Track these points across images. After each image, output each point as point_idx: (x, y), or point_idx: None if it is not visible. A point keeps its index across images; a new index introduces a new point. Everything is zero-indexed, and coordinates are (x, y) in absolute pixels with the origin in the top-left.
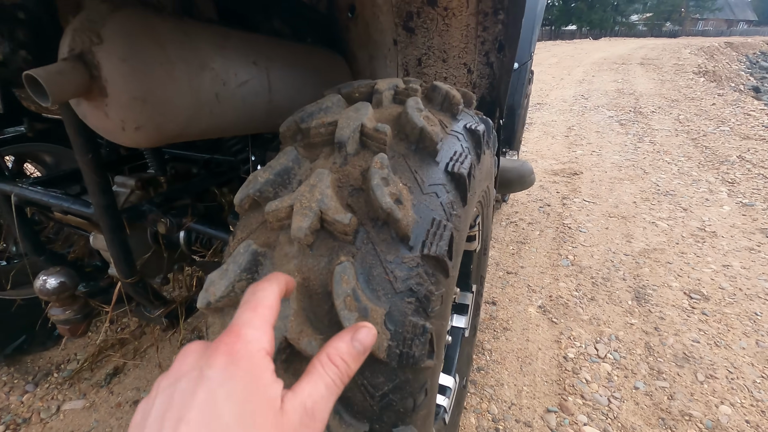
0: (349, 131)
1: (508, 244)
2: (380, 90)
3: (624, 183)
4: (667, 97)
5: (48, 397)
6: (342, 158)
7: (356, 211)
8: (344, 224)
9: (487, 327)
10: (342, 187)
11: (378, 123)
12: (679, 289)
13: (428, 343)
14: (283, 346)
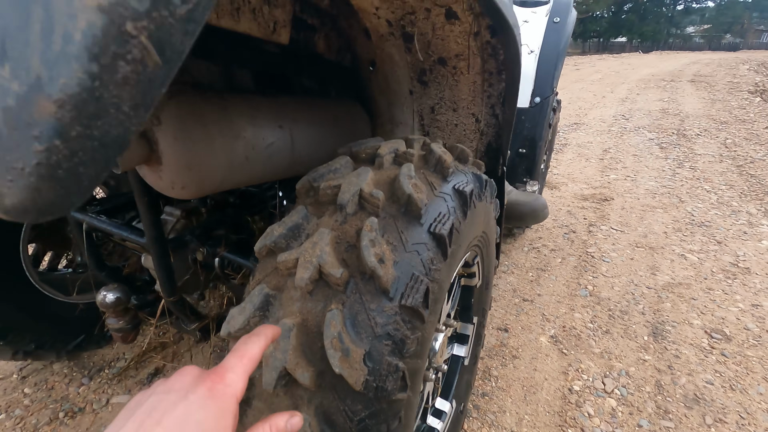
0: (349, 195)
1: (528, 270)
2: (382, 154)
3: (656, 211)
4: (716, 119)
5: (99, 390)
6: (342, 217)
7: (349, 264)
8: (337, 277)
9: (496, 354)
10: (340, 243)
11: (374, 188)
12: (700, 327)
13: (401, 379)
14: (283, 374)
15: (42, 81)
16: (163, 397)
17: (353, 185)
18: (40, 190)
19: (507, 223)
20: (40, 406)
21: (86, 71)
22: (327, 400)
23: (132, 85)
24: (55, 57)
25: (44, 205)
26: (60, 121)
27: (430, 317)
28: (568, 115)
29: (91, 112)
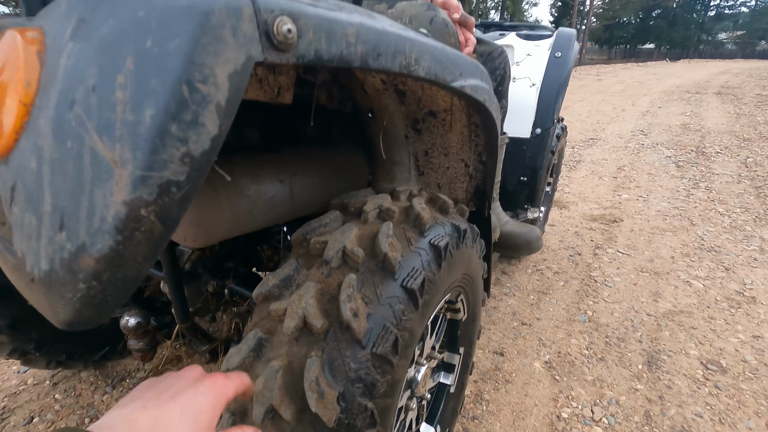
0: (334, 252)
1: (529, 293)
2: (367, 210)
3: (666, 234)
4: (739, 135)
5: (121, 398)
6: (327, 271)
7: (330, 315)
8: (318, 327)
9: (490, 377)
10: (323, 295)
11: (356, 246)
12: (696, 357)
13: (370, 417)
14: (270, 409)
15: (86, 245)
16: (175, 381)
17: (338, 242)
18: (81, 311)
19: (502, 253)
20: (68, 411)
21: (114, 240)
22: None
23: (143, 246)
24: (95, 230)
25: (84, 320)
26: (96, 270)
27: (401, 361)
28: (585, 129)
29: (117, 264)
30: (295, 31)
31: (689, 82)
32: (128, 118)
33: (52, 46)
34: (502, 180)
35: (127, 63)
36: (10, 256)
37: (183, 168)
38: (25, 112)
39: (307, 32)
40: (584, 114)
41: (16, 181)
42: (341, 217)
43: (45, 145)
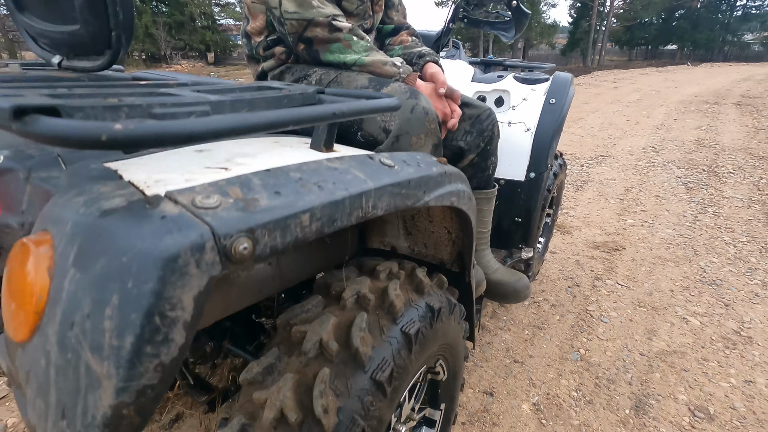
0: (311, 344)
1: (524, 327)
2: (345, 298)
3: (668, 265)
4: (755, 153)
5: None
6: (305, 360)
7: (305, 407)
8: (293, 420)
9: (478, 419)
10: (301, 385)
11: (332, 338)
12: (684, 403)
13: None
14: None
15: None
16: None
17: (316, 334)
18: None
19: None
20: None
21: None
22: None
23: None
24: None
25: None
26: None
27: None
28: (596, 145)
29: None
30: (250, 245)
31: (708, 90)
32: (113, 343)
33: (60, 265)
34: (498, 220)
35: (113, 299)
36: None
37: (156, 374)
38: (37, 318)
39: (262, 238)
40: (597, 127)
41: (29, 370)
42: (323, 302)
43: (52, 351)
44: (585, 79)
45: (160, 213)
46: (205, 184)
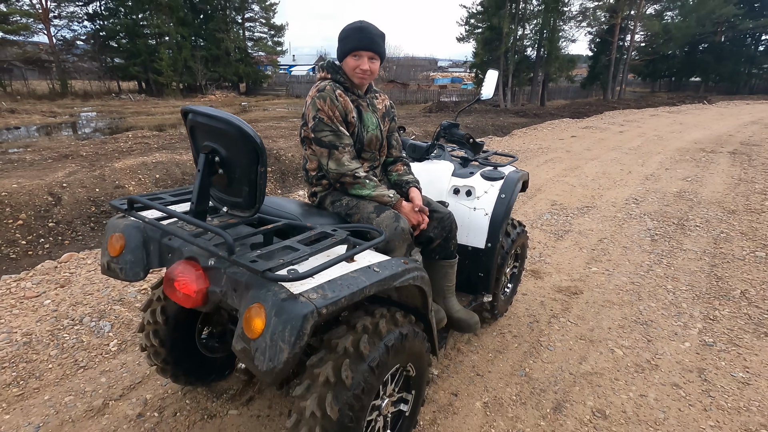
0: (340, 348)
1: (489, 351)
2: (357, 327)
3: (613, 308)
4: (726, 207)
5: (220, 407)
6: (337, 356)
7: (337, 375)
8: (331, 380)
9: (443, 410)
10: (335, 367)
11: (349, 346)
12: (590, 407)
13: (352, 417)
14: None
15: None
16: None
17: (342, 343)
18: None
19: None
20: (194, 410)
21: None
22: None
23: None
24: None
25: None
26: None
27: (366, 397)
28: (584, 196)
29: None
30: (325, 312)
31: (711, 136)
32: (289, 340)
33: (270, 316)
34: (467, 275)
35: (287, 328)
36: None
37: (298, 349)
38: (259, 333)
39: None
40: (590, 177)
41: (257, 348)
42: (346, 329)
43: (266, 343)
44: (594, 121)
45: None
46: (309, 290)
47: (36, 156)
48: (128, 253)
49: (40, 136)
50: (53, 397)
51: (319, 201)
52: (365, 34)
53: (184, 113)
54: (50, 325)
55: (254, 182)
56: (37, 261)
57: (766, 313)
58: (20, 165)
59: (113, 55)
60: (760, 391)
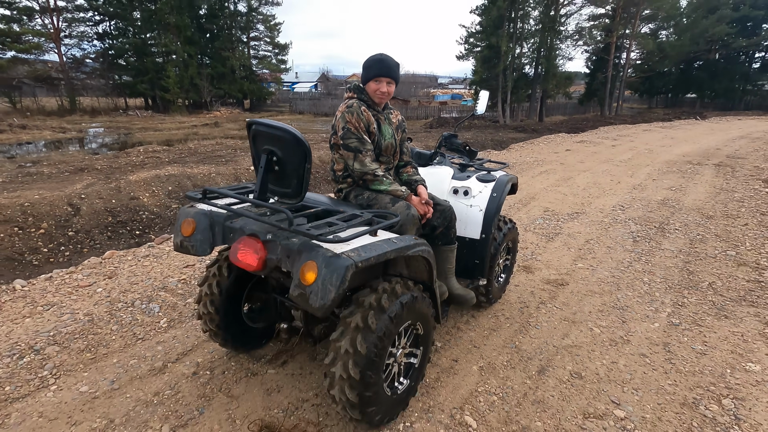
0: (367, 303)
1: (484, 329)
2: (378, 290)
3: (594, 296)
4: (705, 213)
5: (260, 368)
6: (364, 310)
7: (366, 323)
8: (360, 326)
9: (445, 371)
10: (363, 317)
11: (373, 302)
12: (569, 370)
13: (374, 361)
14: (351, 344)
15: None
16: None
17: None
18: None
19: (453, 305)
20: (237, 370)
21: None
22: None
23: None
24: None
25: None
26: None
27: (386, 341)
28: (575, 203)
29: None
30: (360, 264)
31: (699, 149)
32: (335, 283)
33: (321, 269)
34: (465, 262)
35: (335, 275)
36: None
37: (344, 288)
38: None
39: (363, 263)
40: (582, 186)
41: (308, 293)
42: (369, 291)
43: (320, 288)
44: (589, 136)
45: (345, 256)
46: (348, 250)
47: (53, 169)
48: (198, 234)
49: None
50: (120, 360)
51: (345, 196)
52: (384, 64)
53: (249, 124)
54: (106, 308)
55: (302, 176)
56: (58, 268)
57: (728, 300)
58: (39, 178)
59: (121, 73)
60: (713, 360)
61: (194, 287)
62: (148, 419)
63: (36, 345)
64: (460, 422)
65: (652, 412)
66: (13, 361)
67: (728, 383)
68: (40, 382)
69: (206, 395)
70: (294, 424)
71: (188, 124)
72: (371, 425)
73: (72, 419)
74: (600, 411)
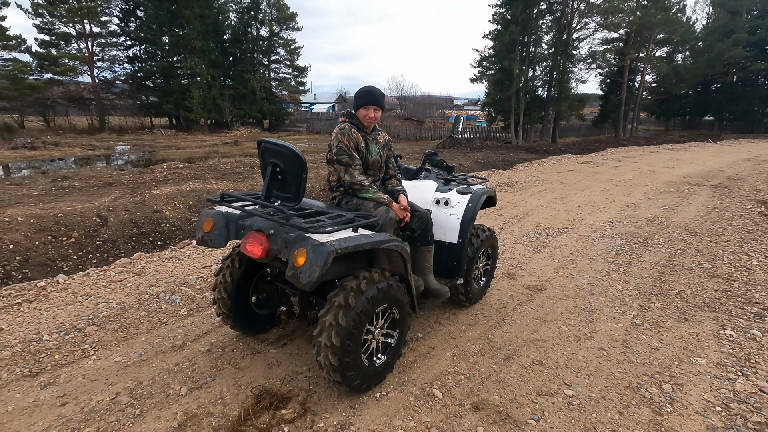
0: (348, 287)
1: (463, 324)
2: (359, 277)
3: (568, 300)
4: (691, 230)
5: (263, 348)
6: (347, 293)
7: (347, 302)
8: (343, 304)
9: (421, 355)
10: (345, 298)
11: (354, 285)
12: (532, 359)
13: (353, 336)
14: (332, 323)
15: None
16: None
17: (350, 284)
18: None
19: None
20: (244, 348)
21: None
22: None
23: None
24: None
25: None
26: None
27: (363, 318)
28: (566, 219)
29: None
30: (339, 251)
31: (702, 171)
32: (319, 264)
33: (309, 254)
34: (444, 264)
35: (328, 258)
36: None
37: (334, 269)
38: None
39: (341, 249)
40: (576, 204)
41: (302, 272)
42: (352, 278)
43: (311, 262)
44: (594, 157)
45: (328, 244)
46: (331, 240)
47: (84, 184)
48: (216, 230)
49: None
50: (147, 339)
51: (338, 202)
52: (372, 95)
53: (259, 142)
54: (135, 298)
55: (299, 184)
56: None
57: (693, 306)
58: (71, 191)
59: (148, 94)
60: (665, 354)
61: (210, 283)
62: (170, 382)
63: (78, 325)
64: (428, 394)
65: (598, 393)
66: (60, 336)
67: (672, 373)
68: (83, 353)
69: (218, 367)
70: (289, 390)
71: (209, 143)
72: (350, 389)
73: (108, 381)
74: (552, 390)
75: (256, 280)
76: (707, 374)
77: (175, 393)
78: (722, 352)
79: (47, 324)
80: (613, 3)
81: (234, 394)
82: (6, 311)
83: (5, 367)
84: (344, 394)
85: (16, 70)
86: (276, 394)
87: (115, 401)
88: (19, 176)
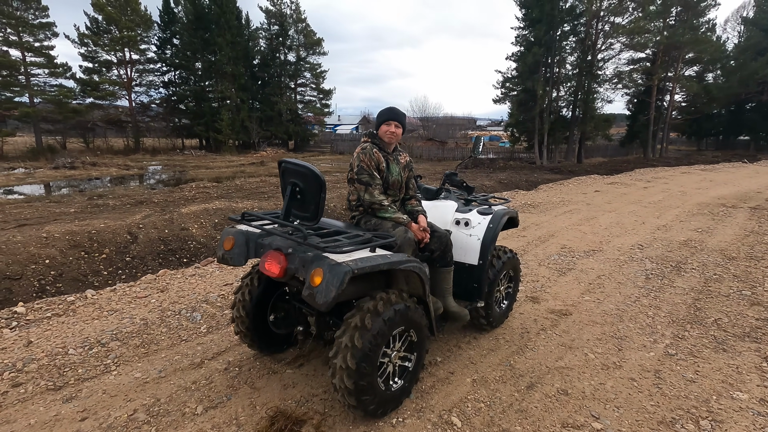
0: (365, 308)
1: (484, 349)
2: (377, 298)
3: (596, 326)
4: (727, 254)
5: (280, 368)
6: (363, 314)
7: (364, 323)
8: (359, 326)
9: (441, 381)
10: (362, 319)
11: (371, 306)
12: (557, 388)
13: (369, 361)
14: (348, 345)
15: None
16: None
17: (367, 305)
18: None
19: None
20: (261, 368)
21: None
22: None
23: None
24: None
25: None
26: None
27: (380, 340)
28: (594, 242)
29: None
30: (356, 271)
31: (737, 192)
32: (335, 284)
33: (326, 274)
34: (464, 285)
35: (345, 278)
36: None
37: (350, 289)
38: (319, 282)
39: (358, 270)
40: (604, 226)
41: (314, 293)
42: (369, 299)
43: (322, 288)
44: (622, 177)
45: (345, 264)
46: (348, 260)
47: (117, 202)
48: (236, 248)
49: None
50: (167, 356)
51: (357, 222)
52: (393, 111)
53: (280, 162)
54: (158, 314)
55: (318, 203)
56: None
57: (731, 336)
58: (105, 209)
59: (181, 117)
60: (702, 387)
61: (230, 301)
62: (187, 400)
63: (102, 340)
64: (447, 422)
65: (629, 427)
66: (84, 350)
67: (711, 408)
68: (105, 367)
69: (234, 386)
70: (303, 413)
71: (237, 163)
72: (366, 413)
73: (128, 397)
74: (579, 422)
75: (275, 299)
76: (749, 410)
77: (191, 412)
78: (766, 387)
79: (73, 338)
80: (639, 23)
81: (249, 415)
82: (36, 324)
83: (31, 380)
84: (359, 419)
85: (61, 95)
86: (290, 416)
87: (133, 418)
88: (58, 194)
